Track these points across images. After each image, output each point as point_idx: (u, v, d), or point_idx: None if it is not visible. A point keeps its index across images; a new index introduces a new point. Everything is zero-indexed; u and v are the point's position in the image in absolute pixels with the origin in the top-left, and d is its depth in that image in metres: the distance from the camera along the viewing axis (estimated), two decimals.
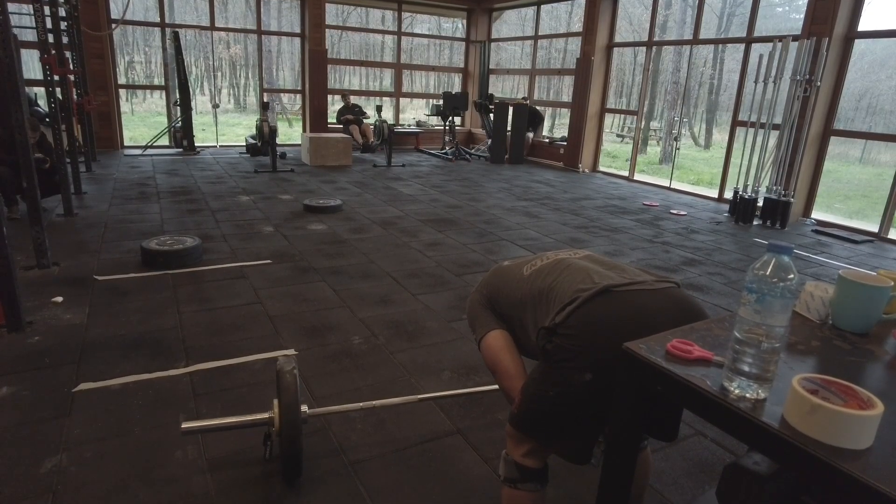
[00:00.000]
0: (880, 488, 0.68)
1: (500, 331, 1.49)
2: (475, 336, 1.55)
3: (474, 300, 1.59)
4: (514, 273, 1.51)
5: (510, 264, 1.57)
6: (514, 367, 1.45)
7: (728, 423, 0.88)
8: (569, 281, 1.34)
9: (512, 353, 1.46)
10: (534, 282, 1.42)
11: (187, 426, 1.90)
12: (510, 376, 1.45)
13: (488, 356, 1.49)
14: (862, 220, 8.84)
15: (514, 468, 1.40)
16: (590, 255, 1.50)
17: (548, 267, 1.44)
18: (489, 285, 1.57)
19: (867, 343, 1.12)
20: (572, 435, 1.33)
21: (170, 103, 10.17)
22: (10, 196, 4.79)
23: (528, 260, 1.54)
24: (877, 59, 17.43)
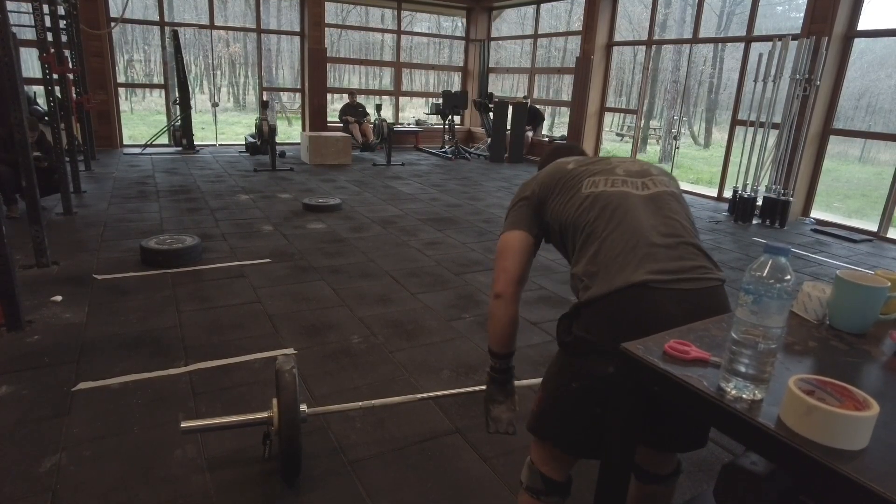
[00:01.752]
0: (876, 489, 0.69)
1: (526, 234, 1.40)
2: (504, 225, 1.46)
3: (524, 194, 1.43)
4: (572, 185, 1.36)
5: (574, 168, 1.39)
6: (517, 272, 1.40)
7: (725, 424, 0.89)
8: (614, 247, 1.21)
9: (524, 260, 1.40)
10: (586, 213, 1.29)
11: (186, 425, 1.91)
12: (507, 272, 1.39)
13: (502, 250, 1.42)
14: (861, 219, 8.85)
15: (540, 479, 1.34)
16: (654, 199, 1.30)
17: (606, 202, 1.28)
18: (545, 187, 1.40)
19: (864, 343, 1.13)
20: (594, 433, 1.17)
21: (169, 102, 10.16)
22: (9, 195, 4.79)
23: (591, 169, 1.37)
24: (876, 59, 17.42)
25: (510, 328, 1.40)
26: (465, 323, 3.28)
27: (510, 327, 1.40)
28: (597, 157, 1.43)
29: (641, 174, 1.36)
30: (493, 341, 1.44)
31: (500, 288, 1.38)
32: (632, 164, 1.40)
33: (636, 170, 1.37)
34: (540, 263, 4.49)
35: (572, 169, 1.39)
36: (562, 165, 1.42)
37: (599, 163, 1.39)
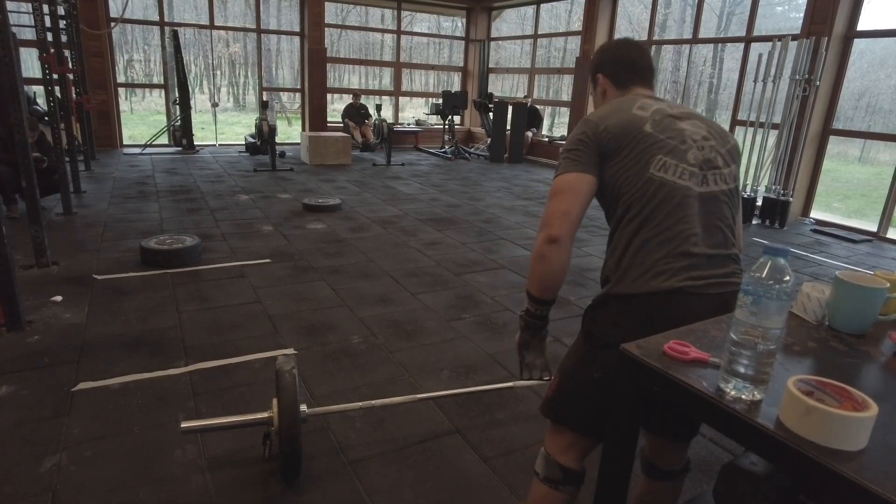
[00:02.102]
0: (874, 489, 0.69)
1: (592, 177, 1.28)
2: (557, 170, 1.32)
3: (588, 133, 1.29)
4: (643, 154, 1.26)
5: (651, 131, 1.27)
6: (579, 215, 1.27)
7: (724, 424, 0.89)
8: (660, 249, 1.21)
9: (585, 203, 1.28)
10: (646, 200, 1.24)
11: (187, 425, 1.91)
12: (569, 215, 1.26)
13: (562, 190, 1.28)
14: (861, 219, 8.85)
15: (557, 469, 1.34)
16: (710, 201, 1.27)
17: (667, 195, 1.23)
18: (616, 139, 1.27)
19: (863, 344, 1.13)
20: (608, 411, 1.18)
21: (169, 102, 10.16)
22: (9, 195, 4.79)
23: (665, 143, 1.26)
24: (876, 59, 17.43)
25: (563, 274, 1.29)
26: (465, 323, 3.28)
27: (563, 273, 1.29)
28: (669, 115, 1.30)
29: (709, 164, 1.28)
30: (540, 287, 1.32)
31: (558, 231, 1.25)
32: (702, 144, 1.29)
33: (703, 158, 1.28)
34: None
35: (649, 133, 1.26)
36: (638, 121, 1.28)
37: (673, 133, 1.27)
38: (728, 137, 1.35)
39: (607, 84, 1.44)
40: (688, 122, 1.31)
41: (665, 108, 1.32)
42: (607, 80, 1.44)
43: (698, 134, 1.29)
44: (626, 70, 1.42)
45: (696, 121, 1.32)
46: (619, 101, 1.36)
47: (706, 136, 1.30)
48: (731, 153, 1.33)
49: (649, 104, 1.32)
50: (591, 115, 1.34)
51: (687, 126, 1.30)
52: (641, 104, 1.32)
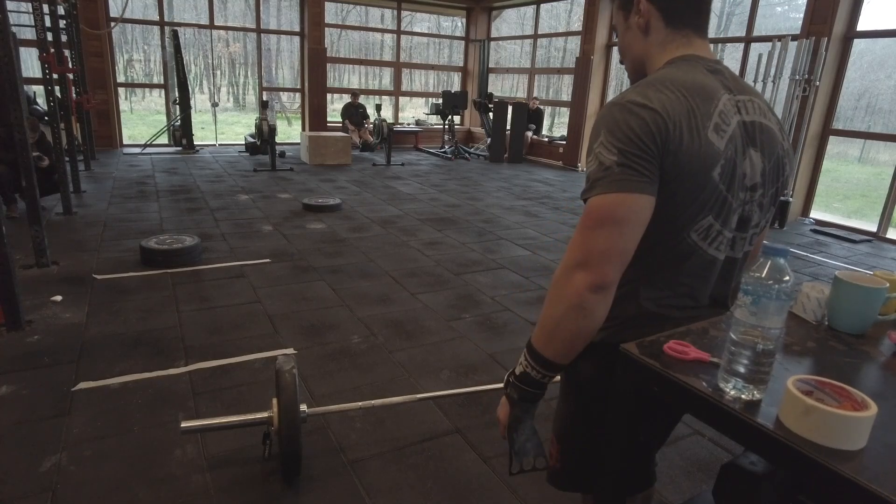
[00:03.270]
0: (874, 489, 0.69)
1: (653, 202, 0.94)
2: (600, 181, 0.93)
3: (647, 138, 0.91)
4: (706, 192, 0.96)
5: (717, 178, 0.96)
6: (630, 256, 0.95)
7: (723, 424, 0.89)
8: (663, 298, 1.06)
9: (639, 237, 0.95)
10: (679, 245, 1.00)
11: (186, 425, 1.91)
12: (623, 256, 0.94)
13: (615, 218, 0.92)
14: (860, 219, 8.86)
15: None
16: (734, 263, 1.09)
17: (704, 247, 1.02)
18: (681, 171, 0.94)
19: (863, 344, 1.13)
20: (637, 465, 1.10)
21: (169, 102, 10.16)
22: (8, 195, 4.79)
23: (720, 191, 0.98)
24: (876, 59, 17.44)
25: (596, 331, 0.98)
26: (465, 323, 3.28)
27: (597, 330, 0.98)
28: (741, 140, 0.99)
29: (744, 226, 1.06)
30: (564, 348, 0.98)
31: (610, 276, 0.93)
32: (749, 198, 1.03)
33: (743, 218, 1.05)
34: (539, 264, 4.50)
35: (715, 182, 0.96)
36: (712, 157, 0.95)
37: (733, 183, 0.99)
38: (782, 168, 1.07)
39: (653, 15, 1.03)
40: (752, 153, 1.01)
41: (740, 118, 1.00)
42: (654, 8, 1.03)
43: (753, 178, 1.02)
44: (685, 3, 1.03)
45: (758, 152, 1.02)
46: (691, 85, 0.97)
47: (757, 183, 1.03)
48: (774, 195, 1.09)
49: (728, 111, 0.98)
50: (654, 101, 0.93)
51: (749, 164, 1.01)
52: (721, 112, 0.97)
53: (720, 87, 1.00)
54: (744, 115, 1.01)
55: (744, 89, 1.04)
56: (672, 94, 0.94)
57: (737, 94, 1.02)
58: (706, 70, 1.01)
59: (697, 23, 1.05)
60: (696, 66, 1.01)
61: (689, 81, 0.97)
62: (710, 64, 1.03)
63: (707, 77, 1.00)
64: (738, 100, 1.01)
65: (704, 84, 0.98)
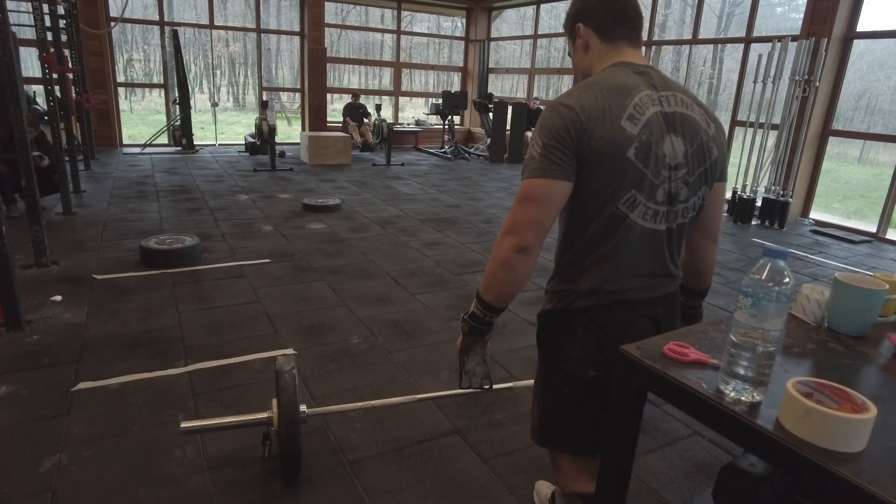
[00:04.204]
0: (873, 491, 0.69)
1: (570, 185, 1.14)
2: (529, 167, 1.15)
3: (565, 132, 1.12)
4: (615, 184, 1.14)
5: (632, 158, 1.13)
6: (550, 226, 1.17)
7: (723, 426, 0.89)
8: (606, 268, 1.20)
9: (557, 213, 1.18)
10: (604, 233, 1.18)
11: (186, 425, 1.91)
12: (542, 226, 1.15)
13: (534, 197, 1.14)
14: (860, 220, 8.86)
15: (576, 499, 1.34)
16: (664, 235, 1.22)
17: (626, 236, 1.18)
18: (598, 155, 1.12)
19: (862, 346, 1.13)
20: (595, 426, 1.25)
21: (169, 101, 10.16)
22: (8, 195, 4.79)
23: (638, 172, 1.14)
24: (876, 60, 17.44)
25: (525, 283, 1.22)
26: None
27: (524, 282, 1.22)
28: (658, 127, 1.15)
29: (673, 200, 1.20)
30: (498, 295, 1.22)
31: (529, 241, 1.15)
32: (673, 175, 1.18)
33: (670, 194, 1.19)
34: (538, 264, 4.49)
35: (631, 162, 1.13)
36: (625, 141, 1.12)
37: (652, 162, 1.15)
38: (708, 152, 1.22)
39: (590, 35, 1.24)
40: (672, 138, 1.17)
41: (660, 108, 1.17)
42: (590, 30, 1.24)
43: (675, 158, 1.18)
44: (614, 17, 1.22)
45: (679, 137, 1.18)
46: (609, 86, 1.16)
47: (680, 164, 1.18)
48: (703, 175, 1.23)
49: (644, 105, 1.15)
50: (573, 101, 1.13)
51: (670, 146, 1.17)
52: (636, 106, 1.14)
53: (642, 86, 1.18)
54: (665, 107, 1.18)
55: (668, 87, 1.21)
56: (591, 94, 1.14)
57: (660, 91, 1.20)
58: (633, 72, 1.20)
59: (628, 35, 1.24)
60: (623, 70, 1.20)
61: (611, 83, 1.17)
62: (638, 68, 1.22)
63: (631, 78, 1.19)
64: (661, 95, 1.19)
65: (624, 83, 1.17)
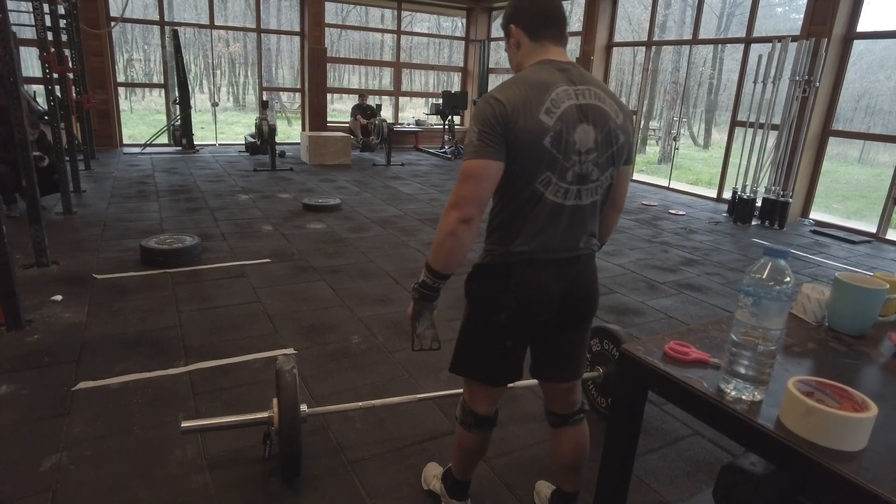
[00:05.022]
0: (874, 489, 0.69)
1: (502, 164, 1.33)
2: (468, 151, 1.34)
3: (494, 122, 1.31)
4: (535, 166, 1.34)
5: (549, 145, 1.32)
6: (486, 200, 1.37)
7: (724, 425, 0.89)
8: (524, 238, 1.40)
9: (493, 189, 1.37)
10: (526, 209, 1.38)
11: (187, 425, 1.91)
12: (481, 200, 1.34)
13: (475, 175, 1.33)
14: (860, 220, 8.87)
15: (470, 415, 1.63)
16: (576, 211, 1.41)
17: (541, 210, 1.37)
18: (516, 140, 1.31)
19: (863, 345, 1.13)
20: (500, 365, 1.54)
21: (169, 101, 10.16)
22: (9, 194, 4.79)
23: (554, 157, 1.33)
24: (876, 60, 17.45)
25: (467, 250, 1.37)
26: None
27: (468, 249, 1.37)
28: (572, 118, 1.34)
29: (583, 180, 1.38)
30: (445, 262, 1.38)
31: (470, 213, 1.32)
32: (584, 159, 1.37)
33: (580, 174, 1.37)
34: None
35: (546, 149, 1.32)
36: (541, 132, 1.31)
37: (564, 148, 1.34)
38: (615, 139, 1.41)
39: (521, 35, 1.42)
40: (583, 127, 1.35)
41: (574, 102, 1.35)
42: (521, 31, 1.42)
43: (585, 145, 1.37)
44: (540, 21, 1.40)
45: (590, 126, 1.36)
46: (531, 83, 1.34)
47: (590, 149, 1.38)
48: (611, 158, 1.42)
49: (560, 99, 1.33)
50: (502, 96, 1.31)
51: (580, 136, 1.36)
52: (553, 100, 1.32)
53: (560, 82, 1.36)
54: (580, 100, 1.36)
55: (585, 82, 1.39)
56: (516, 90, 1.33)
57: (577, 86, 1.37)
58: (555, 69, 1.38)
59: (553, 35, 1.42)
60: (546, 67, 1.38)
61: (534, 79, 1.35)
62: (559, 65, 1.39)
63: (552, 75, 1.36)
64: (577, 89, 1.37)
65: (545, 80, 1.35)
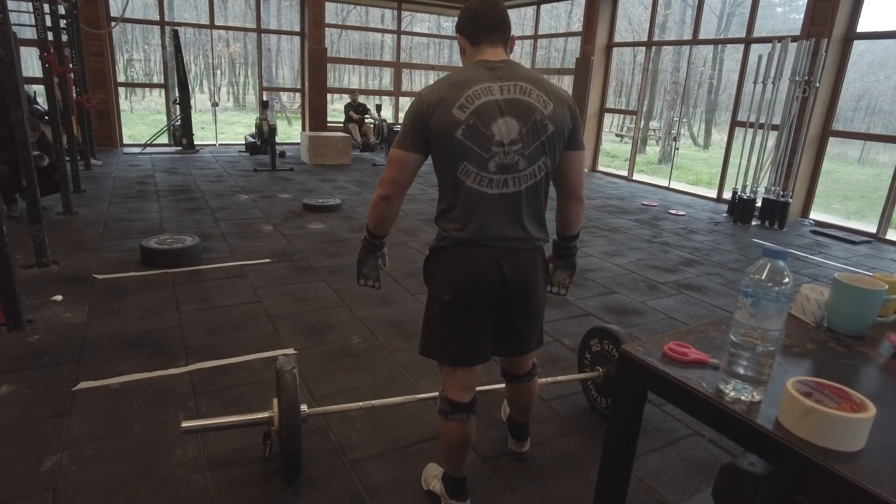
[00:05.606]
0: (872, 490, 0.70)
1: (419, 157, 1.55)
2: (395, 140, 1.57)
3: (416, 121, 1.51)
4: (452, 157, 1.51)
5: (460, 137, 1.48)
6: (407, 184, 1.60)
7: (723, 425, 0.89)
8: (461, 225, 1.55)
9: (412, 175, 1.58)
10: (452, 196, 1.55)
11: (187, 425, 1.91)
12: (399, 185, 1.58)
13: (395, 163, 1.55)
14: (860, 220, 8.87)
15: (446, 402, 1.70)
16: (504, 198, 1.53)
17: (467, 198, 1.52)
18: (433, 133, 1.49)
19: (862, 346, 1.13)
20: (456, 341, 1.63)
21: (169, 101, 10.16)
22: (9, 194, 4.79)
23: (470, 150, 1.48)
24: (876, 60, 17.45)
25: (392, 221, 1.70)
26: None
27: (392, 220, 1.70)
28: (489, 113, 1.47)
29: (509, 169, 1.51)
30: (374, 227, 1.72)
31: (389, 192, 1.58)
32: (507, 150, 1.49)
33: (504, 164, 1.50)
34: None
35: (459, 140, 1.48)
36: (453, 126, 1.47)
37: (480, 140, 1.48)
38: (543, 129, 1.51)
39: (465, 42, 1.59)
40: (504, 120, 1.48)
41: (494, 97, 1.48)
42: (464, 38, 1.59)
43: (508, 136, 1.48)
44: (477, 27, 1.56)
45: (512, 119, 1.48)
46: (453, 82, 1.50)
47: (514, 140, 1.49)
48: (541, 147, 1.52)
49: (477, 95, 1.47)
50: (425, 92, 1.53)
51: (499, 128, 1.48)
52: (468, 97, 1.47)
53: (484, 79, 1.49)
54: (503, 94, 1.49)
55: (512, 77, 1.51)
56: (438, 87, 1.51)
57: (503, 82, 1.50)
58: (484, 68, 1.51)
59: (489, 38, 1.56)
60: (476, 67, 1.53)
61: (456, 78, 1.51)
62: (490, 64, 1.53)
63: (478, 73, 1.51)
64: (502, 85, 1.49)
65: (466, 78, 1.50)
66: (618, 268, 4.53)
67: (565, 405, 2.51)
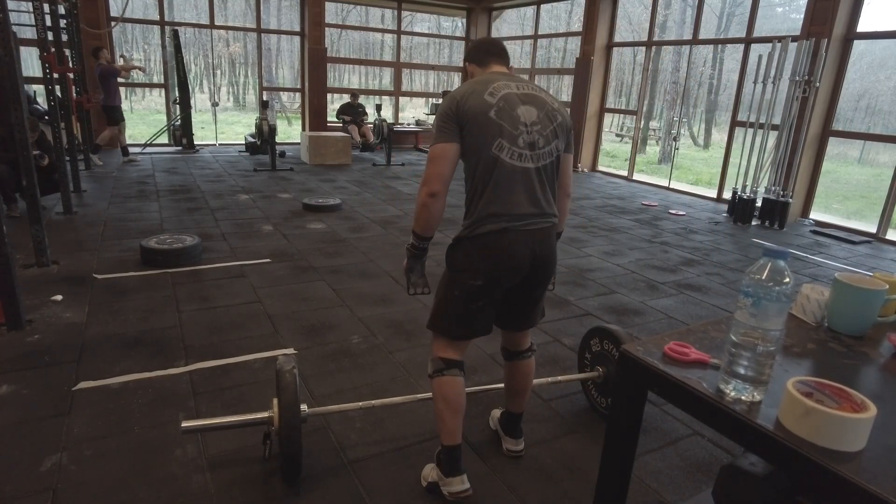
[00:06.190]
0: (873, 490, 0.69)
1: (456, 146, 1.70)
2: (432, 139, 1.73)
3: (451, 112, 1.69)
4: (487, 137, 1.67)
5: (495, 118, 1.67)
6: (450, 175, 1.72)
7: (724, 425, 0.89)
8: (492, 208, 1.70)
9: (454, 166, 1.72)
10: (486, 174, 1.70)
11: (187, 425, 1.91)
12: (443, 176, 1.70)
13: (437, 157, 1.70)
14: (860, 220, 8.87)
15: (439, 361, 1.83)
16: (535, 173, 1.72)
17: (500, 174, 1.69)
18: (469, 121, 1.67)
19: (862, 346, 1.13)
20: (470, 323, 1.81)
21: (169, 101, 10.16)
22: (9, 194, 4.79)
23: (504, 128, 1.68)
24: (876, 60, 17.45)
25: (440, 218, 1.76)
26: None
27: (440, 217, 1.76)
28: (512, 101, 1.70)
29: (533, 147, 1.72)
30: (423, 227, 1.77)
31: (437, 188, 1.70)
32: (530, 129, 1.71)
33: (530, 141, 1.71)
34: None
35: (493, 120, 1.67)
36: (486, 107, 1.68)
37: (510, 120, 1.69)
38: (554, 117, 1.77)
39: (473, 68, 1.87)
40: (525, 107, 1.72)
41: (513, 91, 1.73)
42: (473, 65, 1.87)
43: (529, 119, 1.72)
44: (485, 53, 1.86)
45: (531, 106, 1.73)
46: (478, 81, 1.75)
47: (534, 122, 1.73)
48: (554, 132, 1.76)
49: (500, 88, 1.72)
50: (455, 92, 1.74)
51: (522, 112, 1.72)
52: (493, 88, 1.71)
53: (503, 80, 1.75)
54: (519, 90, 1.75)
55: (522, 81, 1.78)
56: (466, 86, 1.75)
57: (517, 83, 1.76)
58: (499, 74, 1.79)
59: (496, 60, 1.85)
60: (491, 74, 1.80)
61: (479, 79, 1.77)
62: (502, 75, 1.79)
63: (496, 77, 1.77)
64: (517, 84, 1.76)
65: (487, 79, 1.75)
66: (618, 268, 4.53)
67: (565, 405, 2.51)
